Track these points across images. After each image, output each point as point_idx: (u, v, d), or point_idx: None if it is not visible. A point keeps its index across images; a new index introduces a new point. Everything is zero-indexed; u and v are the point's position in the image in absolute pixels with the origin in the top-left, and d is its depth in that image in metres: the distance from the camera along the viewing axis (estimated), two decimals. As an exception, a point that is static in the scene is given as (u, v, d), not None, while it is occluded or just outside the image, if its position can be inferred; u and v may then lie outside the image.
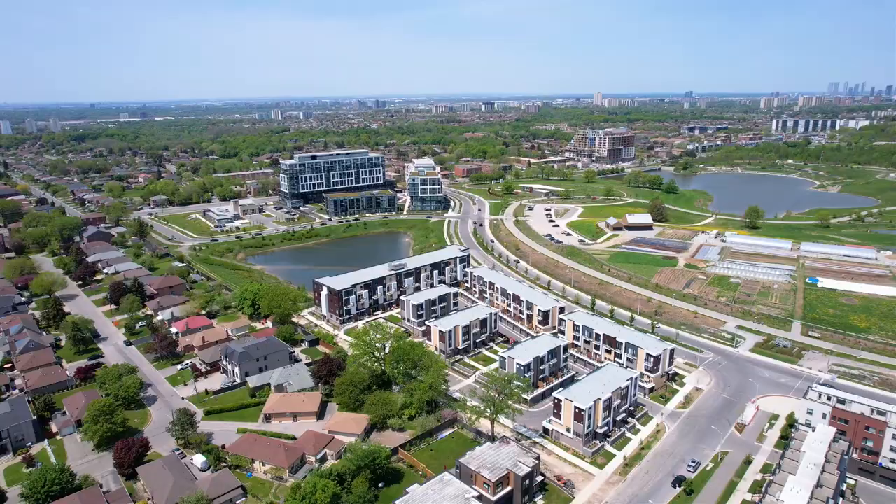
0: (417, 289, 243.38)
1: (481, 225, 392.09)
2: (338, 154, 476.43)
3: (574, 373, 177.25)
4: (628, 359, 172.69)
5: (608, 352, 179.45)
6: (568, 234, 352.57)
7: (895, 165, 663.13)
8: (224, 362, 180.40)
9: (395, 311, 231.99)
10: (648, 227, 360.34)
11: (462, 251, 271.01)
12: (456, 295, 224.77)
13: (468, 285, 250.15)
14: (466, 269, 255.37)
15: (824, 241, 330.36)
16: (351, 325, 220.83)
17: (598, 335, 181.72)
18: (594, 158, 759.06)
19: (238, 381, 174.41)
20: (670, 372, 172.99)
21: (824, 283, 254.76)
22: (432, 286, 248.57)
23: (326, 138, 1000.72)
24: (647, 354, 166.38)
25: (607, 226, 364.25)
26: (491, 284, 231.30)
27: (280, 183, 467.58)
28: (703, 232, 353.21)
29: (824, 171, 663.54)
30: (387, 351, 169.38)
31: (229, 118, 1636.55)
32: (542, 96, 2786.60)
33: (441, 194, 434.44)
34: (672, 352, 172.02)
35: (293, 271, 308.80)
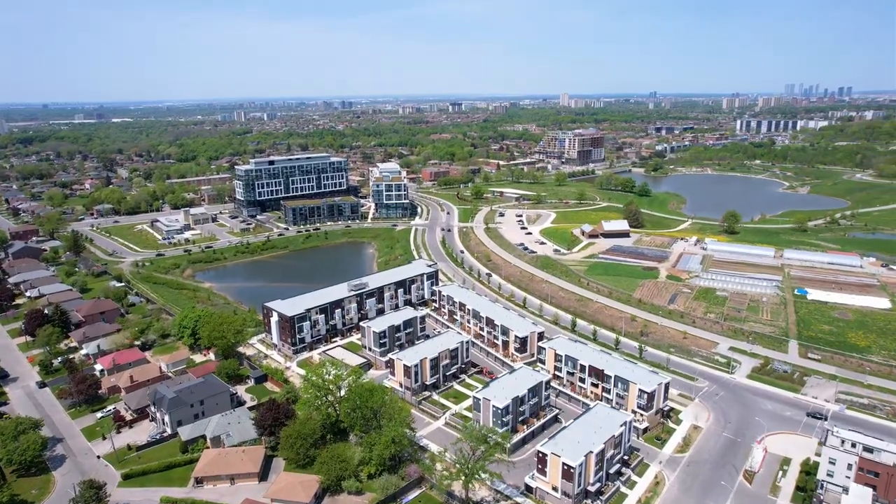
0: (381, 311, 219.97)
1: (449, 231, 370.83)
2: (297, 158, 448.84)
3: (557, 411, 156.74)
4: (618, 394, 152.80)
5: (595, 385, 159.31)
6: (542, 243, 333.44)
7: (859, 166, 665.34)
8: (152, 409, 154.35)
9: (355, 337, 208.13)
10: (625, 235, 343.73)
11: (430, 266, 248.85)
12: (423, 319, 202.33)
13: (436, 305, 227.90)
14: (435, 287, 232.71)
15: (806, 248, 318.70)
16: (305, 354, 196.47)
17: (582, 367, 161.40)
18: (564, 160, 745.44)
19: (168, 431, 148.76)
20: (665, 408, 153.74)
21: (814, 294, 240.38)
22: (397, 307, 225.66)
23: (290, 140, 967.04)
24: (641, 391, 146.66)
25: (582, 233, 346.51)
26: (462, 305, 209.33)
27: (235, 189, 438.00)
28: (682, 238, 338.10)
29: (792, 172, 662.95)
30: (342, 393, 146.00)
31: (191, 120, 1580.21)
32: (510, 97, 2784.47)
33: (407, 201, 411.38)
34: (667, 385, 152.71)
35: (245, 289, 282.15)
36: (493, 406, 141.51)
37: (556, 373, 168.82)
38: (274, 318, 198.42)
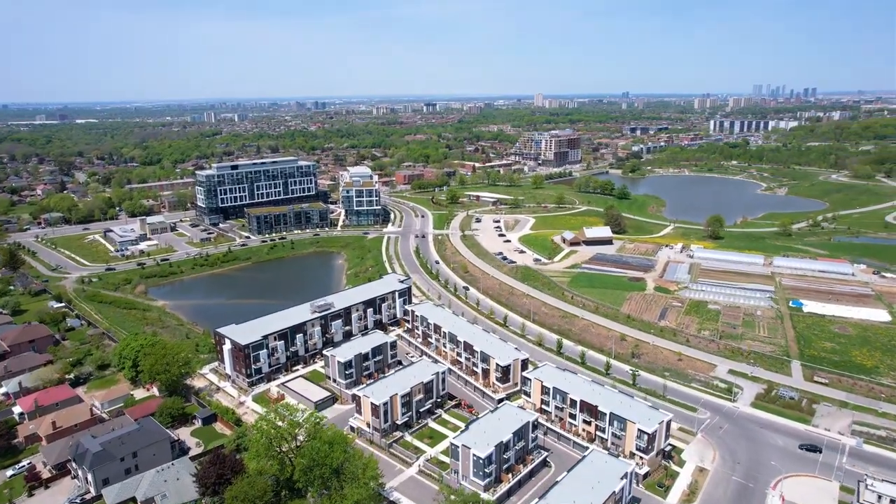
0: (348, 334, 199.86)
1: (423, 237, 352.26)
2: (262, 163, 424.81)
3: (546, 454, 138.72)
4: (614, 434, 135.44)
5: (587, 423, 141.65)
6: (521, 252, 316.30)
7: (833, 167, 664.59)
8: (73, 465, 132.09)
9: (319, 365, 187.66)
10: (608, 242, 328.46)
11: (402, 282, 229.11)
12: (394, 345, 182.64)
13: (409, 325, 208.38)
14: (407, 306, 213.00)
15: (794, 254, 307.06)
16: (263, 386, 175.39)
17: (573, 401, 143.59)
18: (540, 162, 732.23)
19: (92, 492, 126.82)
20: (666, 448, 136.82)
21: (810, 306, 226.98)
22: (366, 329, 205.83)
23: (260, 142, 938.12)
24: (640, 431, 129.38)
25: (563, 241, 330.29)
26: (437, 328, 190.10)
27: (196, 196, 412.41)
28: (666, 245, 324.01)
29: (768, 173, 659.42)
30: (300, 439, 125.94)
31: (159, 121, 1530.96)
32: (484, 97, 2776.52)
33: (379, 207, 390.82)
34: (669, 424, 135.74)
35: (201, 307, 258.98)
36: (474, 455, 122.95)
37: (544, 406, 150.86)
38: (227, 346, 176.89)
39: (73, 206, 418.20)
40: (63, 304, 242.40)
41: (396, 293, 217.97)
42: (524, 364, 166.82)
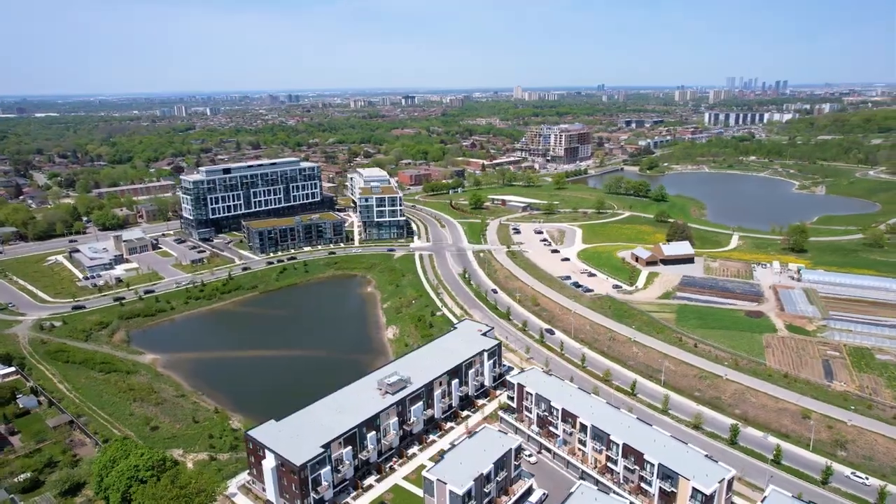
0: (430, 421, 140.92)
1: (460, 254, 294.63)
2: (260, 165, 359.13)
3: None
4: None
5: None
6: (591, 274, 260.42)
7: (863, 162, 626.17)
8: None
9: (401, 475, 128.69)
10: (690, 260, 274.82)
11: (485, 334, 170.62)
12: (519, 451, 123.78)
13: (511, 402, 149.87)
14: (510, 376, 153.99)
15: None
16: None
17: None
18: (549, 158, 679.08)
19: None
20: None
21: None
22: (450, 409, 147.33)
23: (238, 138, 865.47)
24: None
25: (636, 259, 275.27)
26: (567, 415, 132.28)
27: (182, 205, 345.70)
28: (758, 264, 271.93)
29: (794, 169, 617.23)
30: None
31: (126, 115, 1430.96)
32: (460, 90, 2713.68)
33: (403, 217, 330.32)
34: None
35: (205, 363, 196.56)
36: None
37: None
38: (269, 463, 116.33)
39: (29, 218, 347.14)
40: (13, 370, 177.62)
41: (485, 353, 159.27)
42: (729, 485, 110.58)
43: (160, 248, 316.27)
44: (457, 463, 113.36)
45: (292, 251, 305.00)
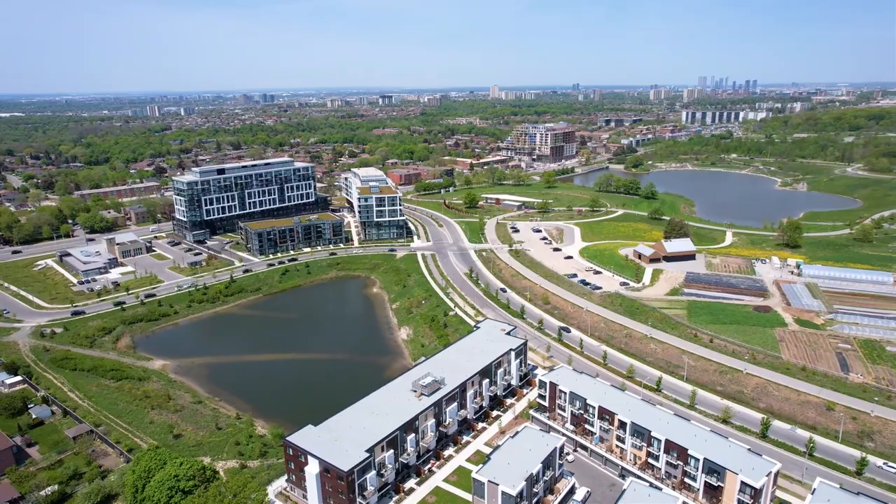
0: (463, 422, 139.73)
1: (462, 253, 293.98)
2: (254, 166, 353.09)
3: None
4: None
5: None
6: (596, 272, 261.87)
7: (839, 160, 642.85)
8: None
9: (441, 477, 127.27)
10: (692, 257, 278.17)
11: (508, 333, 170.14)
12: (563, 450, 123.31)
13: (542, 400, 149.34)
14: (540, 375, 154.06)
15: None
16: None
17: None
18: (535, 157, 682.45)
19: None
20: None
21: None
22: (481, 410, 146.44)
23: (217, 138, 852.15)
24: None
25: (639, 256, 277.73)
26: (604, 412, 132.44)
27: (175, 207, 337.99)
28: (758, 259, 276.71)
29: (774, 167, 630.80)
30: None
31: (97, 115, 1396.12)
32: (436, 89, 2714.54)
33: (403, 217, 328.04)
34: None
35: (218, 368, 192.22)
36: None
37: None
38: (313, 470, 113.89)
39: (13, 222, 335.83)
40: (19, 379, 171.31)
41: (512, 353, 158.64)
42: (775, 478, 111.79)
43: (154, 250, 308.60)
44: (504, 463, 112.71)
45: (292, 252, 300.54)
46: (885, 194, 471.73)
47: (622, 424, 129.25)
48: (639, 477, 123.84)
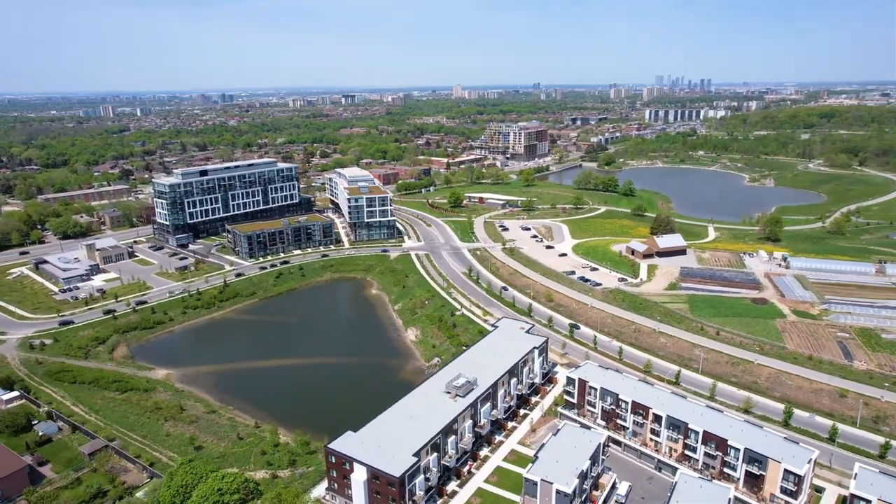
0: (495, 423, 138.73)
1: (455, 252, 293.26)
2: (237, 167, 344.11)
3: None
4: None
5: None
6: (593, 269, 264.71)
7: (801, 156, 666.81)
8: None
9: (481, 478, 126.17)
10: (683, 252, 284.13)
11: (528, 331, 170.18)
12: (606, 445, 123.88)
13: (570, 397, 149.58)
14: (567, 372, 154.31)
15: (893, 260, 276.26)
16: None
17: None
18: (509, 156, 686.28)
19: None
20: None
21: None
22: (510, 409, 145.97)
23: (181, 139, 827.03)
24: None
25: (632, 252, 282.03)
26: (638, 406, 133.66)
27: (156, 210, 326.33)
28: (746, 253, 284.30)
29: (741, 163, 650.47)
30: None
31: (44, 115, 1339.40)
32: (398, 88, 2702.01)
33: (393, 217, 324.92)
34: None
35: (224, 376, 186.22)
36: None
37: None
38: (360, 477, 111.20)
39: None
40: (16, 394, 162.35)
41: (535, 350, 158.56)
42: (813, 465, 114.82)
43: (136, 255, 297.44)
44: (553, 461, 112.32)
45: (282, 255, 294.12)
46: (846, 189, 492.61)
47: (657, 418, 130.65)
48: (674, 469, 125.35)
